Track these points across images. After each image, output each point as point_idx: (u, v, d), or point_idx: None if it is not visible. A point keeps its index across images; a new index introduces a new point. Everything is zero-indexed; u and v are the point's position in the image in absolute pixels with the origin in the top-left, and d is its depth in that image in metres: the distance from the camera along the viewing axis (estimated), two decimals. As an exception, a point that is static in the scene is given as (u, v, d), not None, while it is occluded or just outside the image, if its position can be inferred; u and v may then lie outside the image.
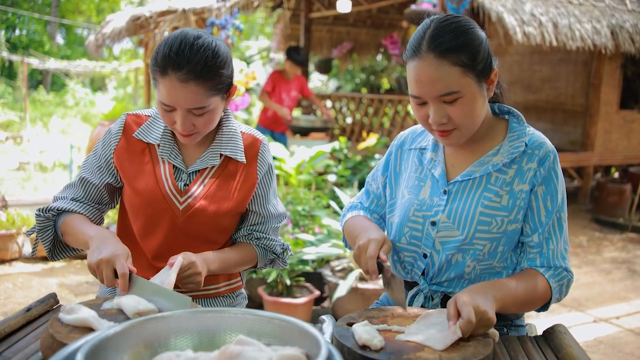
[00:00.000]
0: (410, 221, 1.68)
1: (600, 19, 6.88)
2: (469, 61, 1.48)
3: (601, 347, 4.02)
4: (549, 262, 1.58)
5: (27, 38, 26.34)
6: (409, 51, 1.54)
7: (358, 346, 1.27)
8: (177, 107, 1.63)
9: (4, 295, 4.75)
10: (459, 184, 1.64)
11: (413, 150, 1.78)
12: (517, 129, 1.64)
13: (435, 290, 1.68)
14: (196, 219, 1.77)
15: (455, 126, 1.54)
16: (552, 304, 1.61)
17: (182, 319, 1.12)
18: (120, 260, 1.51)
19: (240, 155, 1.82)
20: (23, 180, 9.82)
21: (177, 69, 1.58)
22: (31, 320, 1.53)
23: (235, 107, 5.52)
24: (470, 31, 1.52)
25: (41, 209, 1.79)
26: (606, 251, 6.55)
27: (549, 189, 1.58)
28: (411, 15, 6.13)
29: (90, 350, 0.97)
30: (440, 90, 1.49)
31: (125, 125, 1.82)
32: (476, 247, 1.59)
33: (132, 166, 1.80)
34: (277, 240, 1.95)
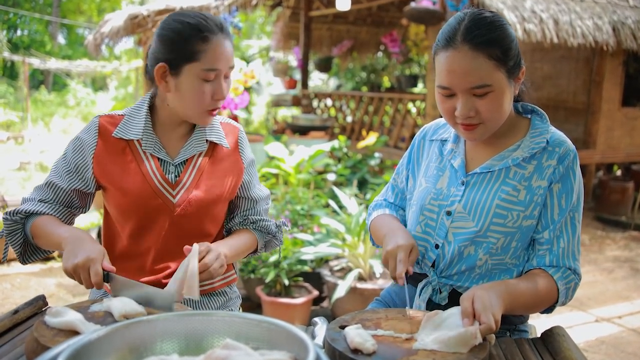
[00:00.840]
0: (426, 209, 1.69)
1: (601, 15, 6.84)
2: (502, 56, 1.50)
3: (603, 347, 3.99)
4: (558, 261, 1.57)
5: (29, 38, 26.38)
6: (441, 42, 1.54)
7: (350, 350, 1.23)
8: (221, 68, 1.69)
9: (2, 295, 4.73)
10: (478, 175, 1.64)
11: (435, 141, 1.79)
12: (540, 126, 1.64)
13: (444, 284, 1.67)
14: (191, 209, 1.76)
15: (481, 120, 1.54)
16: (558, 306, 1.60)
17: (168, 322, 1.09)
18: (96, 264, 1.47)
19: (224, 141, 1.85)
20: (23, 180, 9.81)
21: (219, 31, 1.68)
22: (18, 322, 1.50)
23: (234, 106, 5.49)
24: (504, 27, 1.53)
25: (8, 212, 1.73)
26: (608, 250, 6.52)
27: (565, 187, 1.58)
28: (411, 13, 6.10)
29: (72, 354, 0.94)
30: (473, 82, 1.49)
31: (100, 128, 1.76)
32: (490, 240, 1.58)
33: (115, 167, 1.75)
34: (270, 220, 1.98)
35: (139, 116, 1.78)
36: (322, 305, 4.55)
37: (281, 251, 2.30)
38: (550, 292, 1.54)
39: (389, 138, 7.95)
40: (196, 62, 1.66)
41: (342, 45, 11.55)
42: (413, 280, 1.77)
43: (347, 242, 4.14)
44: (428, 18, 6.11)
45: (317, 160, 5.95)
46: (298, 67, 10.83)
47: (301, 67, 10.28)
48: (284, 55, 12.26)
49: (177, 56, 1.66)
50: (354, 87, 11.29)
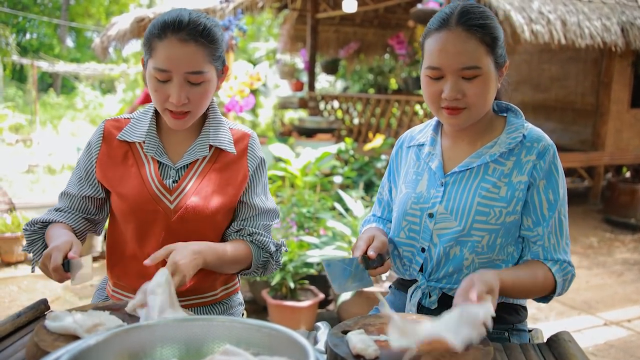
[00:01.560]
0: (408, 214, 1.69)
1: (610, 16, 6.80)
2: (492, 43, 1.54)
3: (612, 351, 3.95)
4: (552, 255, 1.59)
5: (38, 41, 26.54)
6: (434, 24, 1.57)
7: (352, 355, 1.22)
8: (174, 71, 1.59)
9: (9, 298, 4.74)
10: (456, 175, 1.65)
11: (411, 147, 1.81)
12: (515, 121, 1.66)
13: (433, 287, 1.66)
14: (189, 216, 1.71)
15: (466, 105, 1.56)
16: (555, 296, 1.61)
17: (168, 328, 1.08)
18: (56, 253, 1.50)
19: (230, 146, 1.78)
20: (32, 182, 9.86)
21: (177, 30, 1.58)
22: (20, 326, 1.50)
23: (240, 109, 5.49)
24: (493, 18, 1.59)
25: (28, 222, 1.77)
26: (617, 252, 6.47)
27: (550, 183, 1.59)
28: (418, 14, 6.08)
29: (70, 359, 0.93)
30: (464, 62, 1.52)
31: (105, 132, 1.78)
32: (474, 239, 1.58)
33: (116, 172, 1.74)
34: (269, 237, 1.86)
35: (144, 119, 1.78)
36: (328, 308, 4.54)
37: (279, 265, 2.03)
38: (547, 280, 1.56)
39: (395, 140, 7.93)
40: (151, 58, 1.63)
41: (349, 47, 11.54)
42: (402, 286, 1.79)
43: (353, 245, 4.11)
44: (435, 20, 6.10)
45: (323, 163, 5.94)
46: (305, 69, 10.83)
47: (308, 69, 10.28)
48: (290, 58, 12.26)
49: (145, 48, 1.66)
50: (361, 89, 11.28)
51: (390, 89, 10.93)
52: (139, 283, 1.72)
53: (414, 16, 6.17)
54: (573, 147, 8.24)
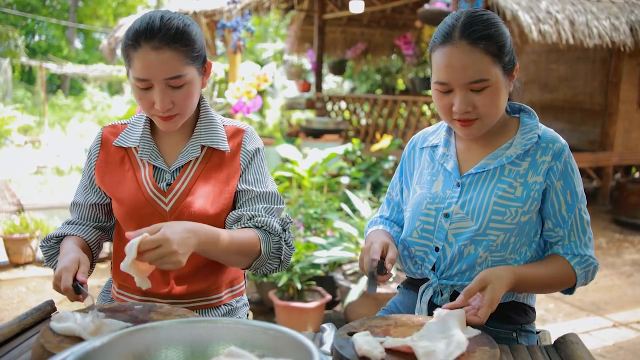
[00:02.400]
0: (422, 214, 1.69)
1: (618, 15, 6.76)
2: (498, 52, 1.53)
3: (621, 352, 3.93)
4: (573, 250, 1.61)
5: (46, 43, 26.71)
6: (438, 38, 1.57)
7: (357, 357, 1.21)
8: (153, 79, 1.58)
9: (17, 298, 4.76)
10: (473, 176, 1.65)
11: (425, 148, 1.81)
12: (529, 122, 1.66)
13: (445, 285, 1.67)
14: (185, 217, 1.68)
15: (478, 116, 1.57)
16: (578, 287, 1.64)
17: (173, 330, 1.08)
18: (66, 274, 1.50)
19: (223, 144, 1.75)
20: (40, 184, 9.90)
21: (149, 38, 1.55)
22: (26, 328, 1.50)
23: (247, 110, 5.50)
24: (499, 24, 1.57)
25: (44, 239, 1.80)
26: (626, 253, 6.43)
27: (567, 183, 1.60)
28: (425, 15, 6.08)
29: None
30: (471, 76, 1.52)
31: (102, 139, 1.80)
32: (489, 238, 1.59)
33: (114, 177, 1.76)
34: (273, 218, 1.73)
35: (139, 124, 1.78)
36: (335, 309, 4.53)
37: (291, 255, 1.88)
38: (567, 273, 1.59)
39: (403, 141, 7.92)
40: (130, 68, 1.61)
41: (356, 47, 11.53)
42: (412, 285, 1.80)
43: (360, 246, 4.11)
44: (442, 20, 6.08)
45: (330, 164, 5.94)
46: (312, 70, 10.83)
47: (315, 70, 10.29)
48: (298, 58, 12.27)
49: (124, 59, 1.64)
50: (368, 89, 11.27)
51: (398, 90, 10.91)
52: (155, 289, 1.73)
53: (421, 16, 6.17)
54: (581, 148, 8.20)
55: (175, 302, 1.73)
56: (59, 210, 7.21)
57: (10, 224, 5.56)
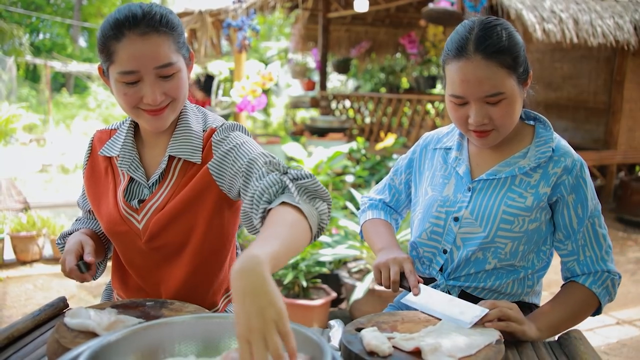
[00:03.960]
0: (432, 217, 1.71)
1: (622, 14, 6.75)
2: (512, 63, 1.53)
3: (624, 350, 3.95)
4: (589, 267, 1.61)
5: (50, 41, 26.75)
6: (452, 52, 1.56)
7: (365, 352, 1.24)
8: (143, 70, 1.43)
9: (25, 296, 4.80)
10: (484, 182, 1.66)
11: (438, 149, 1.81)
12: (544, 134, 1.66)
13: (452, 285, 1.69)
14: (161, 240, 1.57)
15: (494, 127, 1.57)
16: (605, 305, 1.63)
17: (185, 325, 1.11)
18: (68, 257, 1.53)
19: (195, 156, 1.55)
20: (45, 182, 9.94)
21: (134, 26, 1.41)
22: (40, 324, 1.53)
23: (252, 109, 5.52)
24: (513, 34, 1.56)
25: (59, 237, 1.80)
26: (630, 251, 6.44)
27: (579, 197, 1.60)
28: (429, 13, 6.09)
29: (91, 356, 0.96)
30: (487, 90, 1.52)
31: (92, 145, 1.71)
32: (498, 246, 1.61)
33: (97, 190, 1.66)
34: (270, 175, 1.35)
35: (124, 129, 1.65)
36: (340, 307, 4.55)
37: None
38: (588, 301, 1.60)
39: (407, 139, 7.93)
40: (113, 64, 1.45)
41: (361, 46, 11.54)
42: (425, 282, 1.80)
43: (365, 244, 4.14)
44: (446, 19, 6.09)
45: (335, 162, 5.95)
46: (316, 68, 10.84)
47: (319, 69, 10.29)
48: (302, 57, 12.28)
49: (101, 57, 1.48)
50: (372, 88, 11.27)
51: (402, 88, 10.91)
52: (137, 295, 1.70)
53: (426, 15, 6.17)
54: (585, 146, 8.19)
55: None
56: (65, 208, 7.25)
57: (17, 222, 5.59)
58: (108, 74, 1.50)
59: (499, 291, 1.65)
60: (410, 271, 1.58)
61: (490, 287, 1.65)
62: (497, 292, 1.65)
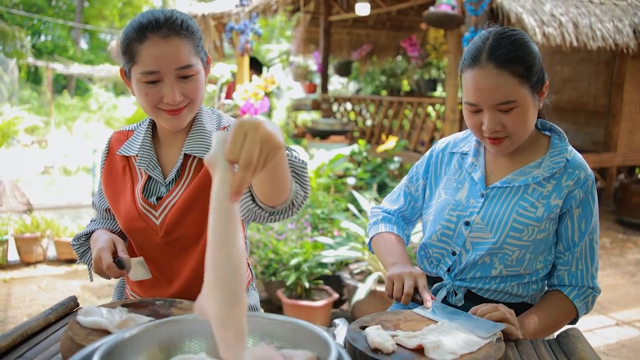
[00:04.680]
0: (443, 219, 1.74)
1: (622, 17, 6.78)
2: (525, 72, 1.57)
3: (624, 350, 3.98)
4: (577, 281, 1.69)
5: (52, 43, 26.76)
6: (467, 60, 1.62)
7: (370, 349, 1.27)
8: (163, 71, 1.53)
9: (29, 297, 4.83)
10: (497, 189, 1.70)
11: (455, 154, 1.85)
12: (559, 145, 1.70)
13: (458, 286, 1.73)
14: (177, 233, 1.65)
15: (507, 134, 1.61)
16: (581, 317, 1.73)
17: (196, 322, 1.14)
18: (104, 253, 1.56)
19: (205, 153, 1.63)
20: (48, 183, 9.98)
21: (156, 29, 1.51)
22: (52, 322, 1.56)
23: (255, 111, 5.55)
24: (527, 44, 1.60)
25: (73, 238, 1.84)
26: (630, 253, 6.47)
27: (584, 212, 1.65)
28: (430, 17, 6.12)
29: (106, 352, 0.99)
30: (498, 98, 1.56)
31: (110, 146, 1.79)
32: (506, 252, 1.65)
33: (115, 188, 1.73)
34: None
35: (142, 131, 1.74)
36: (342, 308, 4.58)
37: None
38: (567, 312, 1.69)
39: (409, 142, 7.97)
40: (135, 65, 1.55)
41: (362, 49, 11.57)
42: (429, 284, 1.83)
43: (366, 246, 4.17)
44: (447, 22, 6.12)
45: (337, 165, 5.98)
46: (318, 71, 10.86)
47: (321, 71, 10.32)
48: (303, 60, 12.31)
49: (124, 59, 1.59)
50: (374, 91, 11.30)
51: (403, 91, 10.94)
52: (151, 292, 1.75)
53: (427, 19, 6.20)
54: (585, 149, 8.22)
55: None
56: (68, 210, 7.28)
57: (21, 224, 5.63)
58: (130, 75, 1.59)
59: (504, 292, 1.69)
60: (424, 286, 1.61)
61: (495, 289, 1.69)
62: (502, 293, 1.70)
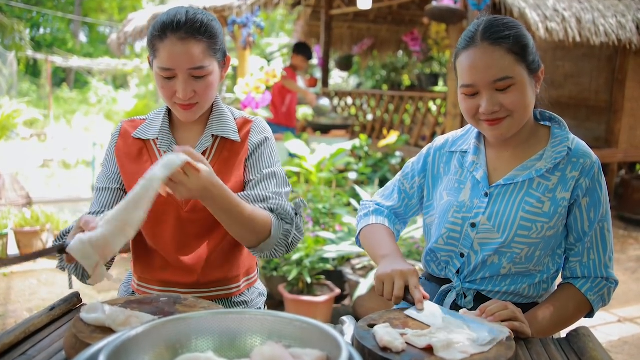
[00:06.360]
0: (448, 222, 1.70)
1: (625, 13, 6.76)
2: (520, 51, 1.55)
3: (626, 347, 3.97)
4: (590, 272, 1.64)
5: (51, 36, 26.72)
6: (462, 44, 1.60)
7: (379, 348, 1.26)
8: (178, 69, 1.66)
9: (29, 291, 4.82)
10: (501, 187, 1.66)
11: (455, 153, 1.79)
12: (560, 134, 1.67)
13: (468, 288, 1.70)
14: (200, 206, 1.74)
15: (507, 113, 1.57)
16: (597, 310, 1.67)
17: (203, 321, 1.12)
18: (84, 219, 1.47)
19: (234, 135, 1.82)
20: (47, 177, 9.96)
21: (176, 30, 1.64)
22: (55, 319, 1.55)
23: (256, 105, 5.53)
24: (520, 26, 1.60)
25: (58, 235, 1.75)
26: (631, 249, 6.46)
27: (592, 200, 1.61)
28: (433, 11, 6.09)
29: (112, 351, 0.97)
30: (495, 75, 1.54)
31: (122, 130, 1.88)
32: (514, 251, 1.61)
33: (132, 166, 1.81)
34: (286, 201, 1.78)
35: (158, 118, 1.86)
36: (344, 303, 4.58)
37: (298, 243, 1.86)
38: (581, 307, 1.64)
39: (410, 137, 7.95)
40: (156, 59, 1.69)
41: (363, 43, 11.52)
42: (434, 278, 1.81)
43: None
44: (449, 17, 6.09)
45: (338, 159, 5.97)
46: (319, 65, 10.84)
47: (322, 66, 10.29)
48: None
49: (149, 50, 1.73)
50: (374, 85, 11.28)
51: (403, 86, 10.92)
52: (161, 275, 1.80)
53: (429, 13, 6.17)
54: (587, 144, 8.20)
55: (195, 291, 1.79)
56: (68, 203, 7.27)
57: (21, 217, 5.61)
58: (153, 64, 1.73)
59: (514, 293, 1.66)
60: (415, 286, 1.52)
61: (506, 291, 1.66)
62: (512, 295, 1.67)
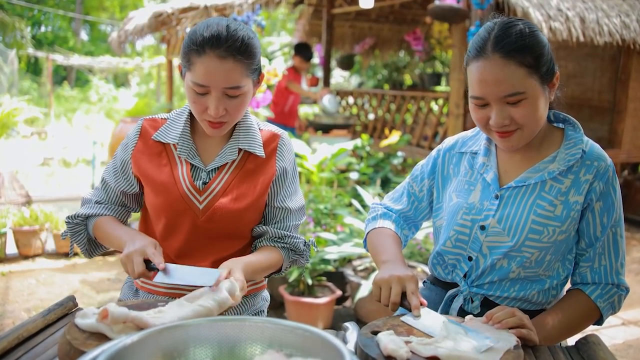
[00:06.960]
0: (457, 224, 1.66)
1: (629, 13, 6.72)
2: (534, 62, 1.48)
3: (630, 351, 3.93)
4: (601, 278, 1.59)
5: (52, 34, 26.75)
6: (472, 52, 1.54)
7: (383, 356, 1.22)
8: (212, 86, 1.62)
9: (28, 291, 4.79)
10: (512, 189, 1.61)
11: (465, 154, 1.76)
12: (574, 136, 1.62)
13: (475, 293, 1.66)
14: (217, 216, 1.76)
15: (518, 126, 1.52)
16: (607, 318, 1.63)
17: (201, 328, 1.09)
18: (136, 258, 1.58)
19: (259, 150, 1.80)
20: (47, 175, 9.93)
21: (215, 46, 1.59)
22: (50, 323, 1.52)
23: (256, 104, 5.49)
24: (534, 33, 1.51)
25: (70, 216, 1.85)
26: (634, 251, 6.43)
27: (606, 204, 1.57)
28: (435, 11, 6.05)
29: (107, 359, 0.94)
30: (505, 90, 1.48)
31: (142, 130, 1.84)
32: (524, 255, 1.57)
33: (151, 167, 1.80)
34: (299, 237, 1.88)
35: (179, 121, 1.82)
36: (345, 305, 4.54)
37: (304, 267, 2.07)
38: (589, 313, 1.59)
39: (412, 137, 7.91)
40: (190, 71, 1.65)
41: (364, 42, 11.49)
42: (440, 282, 1.78)
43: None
44: (452, 16, 6.05)
45: (339, 159, 5.93)
46: (320, 64, 10.81)
47: (323, 65, 10.25)
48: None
49: (183, 61, 1.68)
50: (376, 85, 11.24)
51: (405, 85, 10.88)
52: None
53: (432, 12, 6.13)
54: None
55: None
56: (68, 202, 7.24)
57: (20, 216, 5.57)
58: (185, 75, 1.69)
59: (523, 299, 1.62)
60: (412, 292, 1.49)
61: (514, 297, 1.62)
62: (521, 301, 1.62)
